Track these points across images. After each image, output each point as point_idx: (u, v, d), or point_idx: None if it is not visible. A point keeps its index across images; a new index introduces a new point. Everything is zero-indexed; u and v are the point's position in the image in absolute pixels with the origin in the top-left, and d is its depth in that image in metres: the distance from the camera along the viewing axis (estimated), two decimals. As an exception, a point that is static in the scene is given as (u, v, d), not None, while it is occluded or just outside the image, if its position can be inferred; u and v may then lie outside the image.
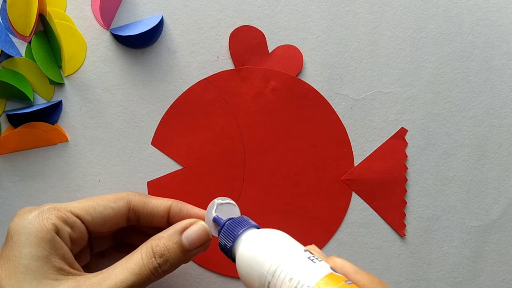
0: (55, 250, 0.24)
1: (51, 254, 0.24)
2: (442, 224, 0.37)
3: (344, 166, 0.36)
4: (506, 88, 0.37)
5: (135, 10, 0.35)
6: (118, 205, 0.28)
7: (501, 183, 0.37)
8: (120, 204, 0.28)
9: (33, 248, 0.24)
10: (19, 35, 0.32)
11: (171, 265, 0.26)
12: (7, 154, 0.34)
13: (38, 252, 0.24)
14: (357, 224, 0.36)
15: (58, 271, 0.24)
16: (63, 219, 0.25)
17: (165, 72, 0.35)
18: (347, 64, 0.36)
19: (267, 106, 0.35)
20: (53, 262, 0.24)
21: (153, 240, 0.27)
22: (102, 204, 0.27)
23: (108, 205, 0.27)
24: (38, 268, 0.23)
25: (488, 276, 0.38)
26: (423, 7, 0.36)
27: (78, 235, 0.26)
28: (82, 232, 0.27)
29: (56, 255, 0.24)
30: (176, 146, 0.35)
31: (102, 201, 0.27)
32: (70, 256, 0.25)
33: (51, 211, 0.25)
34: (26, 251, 0.23)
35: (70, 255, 0.25)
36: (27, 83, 0.33)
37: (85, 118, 0.35)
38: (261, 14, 0.35)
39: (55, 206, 0.26)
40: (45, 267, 0.23)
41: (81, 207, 0.27)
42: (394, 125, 0.36)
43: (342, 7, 0.36)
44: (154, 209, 0.29)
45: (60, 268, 0.24)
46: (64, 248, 0.25)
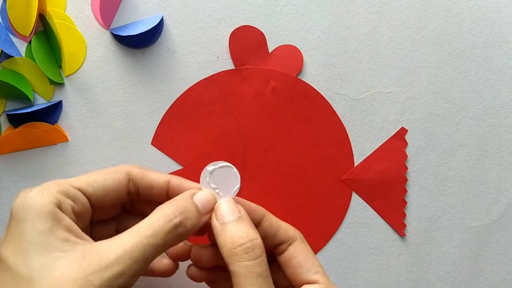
0: (58, 222, 0.23)
1: (54, 226, 0.23)
2: (442, 224, 0.37)
3: (344, 166, 0.36)
4: (506, 88, 0.37)
5: (135, 10, 0.35)
6: (117, 176, 0.27)
7: (501, 183, 0.37)
8: (119, 175, 0.28)
9: (34, 223, 0.23)
10: (19, 35, 0.32)
11: (192, 225, 0.26)
12: (7, 154, 0.34)
13: (40, 225, 0.23)
14: (357, 224, 0.36)
15: (63, 242, 0.23)
16: (64, 193, 0.25)
17: (165, 72, 0.35)
18: (347, 64, 0.36)
19: (267, 106, 0.35)
20: (57, 234, 0.23)
21: (167, 204, 0.26)
22: (102, 175, 0.27)
23: (108, 176, 0.27)
24: (42, 241, 0.23)
25: (488, 276, 0.38)
26: (423, 7, 0.36)
27: (80, 208, 0.26)
28: (85, 205, 0.26)
29: (59, 227, 0.23)
30: (176, 146, 0.35)
31: (102, 173, 0.27)
32: (75, 228, 0.24)
33: (51, 186, 0.25)
34: (28, 227, 0.23)
35: (75, 227, 0.24)
36: (27, 83, 0.33)
37: (85, 118, 0.35)
38: (261, 14, 0.35)
39: (56, 181, 0.25)
40: (49, 239, 0.23)
41: (81, 180, 0.26)
42: (394, 125, 0.36)
43: (342, 7, 0.36)
44: (154, 180, 0.28)
45: (65, 239, 0.23)
46: (67, 220, 0.24)
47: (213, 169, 0.28)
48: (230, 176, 0.28)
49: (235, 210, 0.27)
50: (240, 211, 0.27)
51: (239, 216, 0.27)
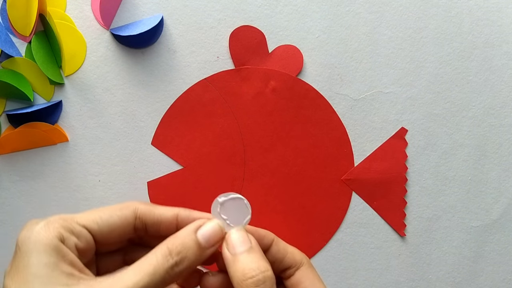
0: (63, 257, 0.24)
1: (59, 260, 0.24)
2: (442, 224, 0.37)
3: (344, 166, 0.36)
4: (506, 88, 0.37)
5: (135, 10, 0.35)
6: (124, 212, 0.27)
7: (501, 183, 0.37)
8: (126, 212, 0.27)
9: (40, 256, 0.23)
10: (19, 35, 0.32)
11: (189, 263, 0.26)
12: (7, 154, 0.34)
13: (45, 259, 0.23)
14: (357, 224, 0.36)
15: (67, 276, 0.24)
16: (69, 229, 0.25)
17: (165, 72, 0.35)
18: (347, 64, 0.36)
19: (267, 106, 0.35)
20: (61, 268, 0.24)
21: (168, 240, 0.26)
22: (108, 212, 0.27)
23: (114, 213, 0.27)
24: (46, 274, 0.23)
25: (488, 276, 0.38)
26: (423, 7, 0.36)
27: (84, 245, 0.26)
28: (89, 242, 0.26)
29: (64, 262, 0.24)
30: (176, 146, 0.35)
31: (108, 210, 0.27)
32: (79, 263, 0.25)
33: (57, 221, 0.25)
34: (34, 259, 0.23)
35: (79, 262, 0.25)
36: (27, 83, 0.33)
37: (85, 118, 0.35)
38: (261, 14, 0.35)
39: (62, 216, 0.26)
40: (53, 273, 0.23)
41: (87, 217, 0.26)
42: (394, 125, 0.36)
43: (342, 7, 0.36)
44: (161, 215, 0.28)
45: (69, 273, 0.24)
46: (71, 255, 0.25)
47: (224, 200, 0.28)
48: (241, 207, 0.28)
49: (246, 240, 0.27)
50: (251, 241, 0.27)
51: (250, 246, 0.27)
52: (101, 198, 0.35)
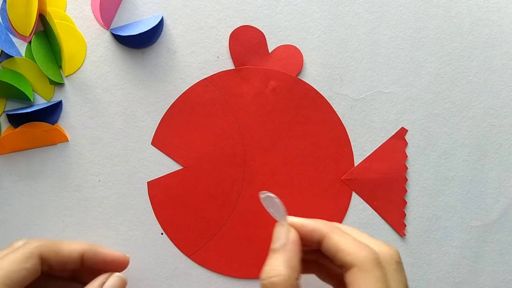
0: None
1: None
2: (442, 224, 0.37)
3: (344, 166, 0.36)
4: (506, 88, 0.37)
5: (135, 10, 0.35)
6: (31, 263, 0.27)
7: (501, 183, 0.37)
8: (33, 262, 0.27)
9: None
10: (19, 35, 0.32)
11: None
12: (7, 154, 0.34)
13: None
14: (357, 224, 0.36)
15: None
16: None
17: (165, 72, 0.35)
18: (347, 64, 0.36)
19: (267, 106, 0.35)
20: None
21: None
22: (16, 269, 0.26)
23: (22, 268, 0.26)
24: None
25: (488, 276, 0.38)
26: (423, 7, 0.36)
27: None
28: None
29: None
30: (176, 146, 0.35)
31: (14, 265, 0.26)
32: None
33: None
34: None
35: None
36: (27, 83, 0.33)
37: (85, 118, 0.35)
38: (261, 14, 0.35)
39: None
40: None
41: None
42: (394, 125, 0.36)
43: (342, 7, 0.36)
44: (67, 257, 0.29)
45: None
46: None
47: (265, 196, 0.30)
48: (276, 204, 0.30)
49: (281, 237, 0.27)
50: (289, 238, 0.27)
51: (282, 244, 0.27)
52: (101, 198, 0.35)
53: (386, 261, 0.25)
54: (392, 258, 0.26)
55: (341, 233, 0.27)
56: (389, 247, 0.27)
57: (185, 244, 0.35)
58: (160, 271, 0.35)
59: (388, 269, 0.25)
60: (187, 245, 0.35)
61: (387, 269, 0.25)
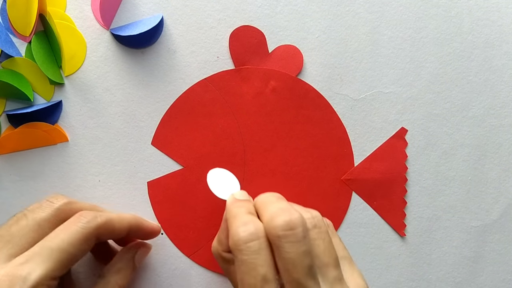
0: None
1: None
2: (442, 224, 0.37)
3: (344, 166, 0.36)
4: (506, 88, 0.37)
5: (135, 10, 0.35)
6: (89, 245, 0.27)
7: (501, 183, 0.37)
8: (90, 244, 0.28)
9: None
10: (19, 35, 0.32)
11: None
12: (7, 154, 0.34)
13: None
14: (357, 224, 0.36)
15: None
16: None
17: (165, 72, 0.35)
18: (347, 64, 0.36)
19: (267, 106, 0.35)
20: None
21: (115, 276, 0.30)
22: (74, 252, 0.26)
23: (81, 249, 0.27)
24: None
25: (488, 276, 0.38)
26: (423, 7, 0.36)
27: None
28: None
29: None
30: (176, 146, 0.35)
31: (72, 247, 0.26)
32: None
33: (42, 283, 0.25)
34: None
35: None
36: (27, 83, 0.33)
37: (85, 118, 0.35)
38: (261, 14, 0.35)
39: (42, 281, 0.25)
40: None
41: (62, 267, 0.26)
42: (394, 125, 0.36)
43: (342, 7, 0.36)
44: (117, 234, 0.30)
45: None
46: None
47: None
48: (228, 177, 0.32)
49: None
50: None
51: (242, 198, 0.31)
52: (101, 198, 0.35)
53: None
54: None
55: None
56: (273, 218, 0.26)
57: (185, 244, 0.35)
58: (160, 271, 0.35)
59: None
60: (187, 245, 0.35)
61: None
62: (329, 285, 0.25)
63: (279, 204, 0.26)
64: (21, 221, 0.27)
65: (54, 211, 0.28)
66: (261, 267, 0.24)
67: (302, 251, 0.24)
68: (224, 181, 0.33)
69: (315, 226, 0.26)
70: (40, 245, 0.26)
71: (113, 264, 0.31)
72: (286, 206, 0.26)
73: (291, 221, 0.24)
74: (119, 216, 0.30)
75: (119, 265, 0.31)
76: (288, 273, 0.24)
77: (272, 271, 0.24)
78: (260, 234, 0.25)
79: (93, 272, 0.35)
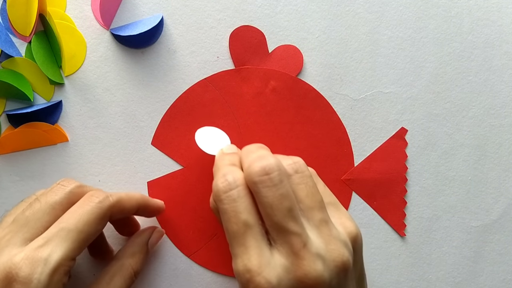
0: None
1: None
2: (442, 224, 0.37)
3: (344, 166, 0.36)
4: (506, 88, 0.37)
5: (135, 10, 0.35)
6: (102, 225, 0.28)
7: (501, 183, 0.37)
8: (104, 223, 0.28)
9: None
10: (19, 35, 0.32)
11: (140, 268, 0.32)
12: (7, 154, 0.34)
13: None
14: (357, 224, 0.36)
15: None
16: (66, 273, 0.26)
17: (165, 72, 0.35)
18: (347, 64, 0.36)
19: (267, 106, 0.35)
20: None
21: (129, 259, 0.31)
22: (92, 231, 0.27)
23: (96, 229, 0.27)
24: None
25: (488, 276, 0.38)
26: (423, 7, 0.36)
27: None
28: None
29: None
30: (176, 146, 0.35)
31: (88, 227, 0.27)
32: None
33: (61, 269, 0.25)
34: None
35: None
36: (27, 83, 0.33)
37: (85, 118, 0.35)
38: (261, 14, 0.35)
39: (63, 261, 0.25)
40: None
41: (78, 249, 0.26)
42: (394, 125, 0.36)
43: (342, 7, 0.36)
44: (126, 213, 0.30)
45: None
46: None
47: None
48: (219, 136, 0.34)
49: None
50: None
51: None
52: (101, 198, 0.35)
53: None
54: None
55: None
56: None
57: (185, 244, 0.35)
58: (160, 271, 0.35)
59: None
60: (187, 245, 0.35)
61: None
62: (315, 227, 0.25)
63: (258, 153, 0.27)
64: (35, 204, 0.27)
65: (67, 194, 0.28)
66: (242, 213, 0.24)
67: (279, 194, 0.24)
68: (214, 138, 0.33)
69: (296, 171, 0.26)
70: (56, 226, 0.26)
71: (127, 248, 0.32)
72: (264, 153, 0.27)
73: (267, 166, 0.25)
74: (128, 195, 0.30)
75: (133, 249, 0.32)
76: (268, 217, 0.24)
77: (253, 217, 0.25)
78: (239, 183, 0.25)
79: (93, 272, 0.35)
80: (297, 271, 0.23)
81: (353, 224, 0.27)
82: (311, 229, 0.25)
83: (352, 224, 0.27)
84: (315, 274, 0.23)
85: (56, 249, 0.25)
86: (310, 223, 0.25)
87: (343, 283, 0.25)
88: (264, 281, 0.23)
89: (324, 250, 0.24)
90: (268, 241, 0.25)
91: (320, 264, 0.24)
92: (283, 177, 0.25)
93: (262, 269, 0.23)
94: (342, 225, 0.27)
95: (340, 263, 0.24)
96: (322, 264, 0.24)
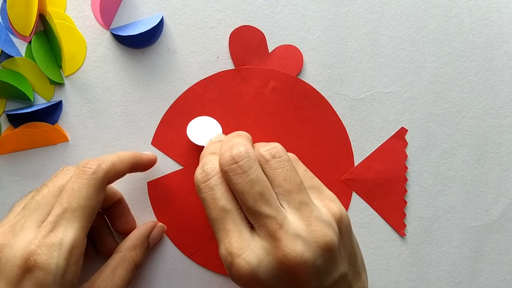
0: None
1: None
2: (442, 224, 0.37)
3: (344, 166, 0.36)
4: (506, 88, 0.37)
5: (135, 10, 0.35)
6: (102, 194, 0.28)
7: (501, 183, 0.37)
8: (103, 193, 0.28)
9: None
10: (19, 35, 0.32)
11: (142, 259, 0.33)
12: (7, 154, 0.34)
13: None
14: (357, 224, 0.36)
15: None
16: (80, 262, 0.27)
17: (165, 72, 0.35)
18: (347, 64, 0.36)
19: (267, 106, 0.35)
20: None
21: (130, 252, 0.32)
22: (93, 204, 0.27)
23: (98, 201, 0.28)
24: None
25: (488, 276, 0.38)
26: (423, 7, 0.36)
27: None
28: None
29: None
30: (176, 146, 0.35)
31: (89, 201, 0.27)
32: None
33: (76, 255, 0.26)
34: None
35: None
36: (27, 83, 0.33)
37: (85, 118, 0.35)
38: (261, 14, 0.35)
39: (76, 243, 0.26)
40: None
41: (86, 224, 0.27)
42: (394, 125, 0.36)
43: (342, 7, 0.36)
44: (121, 174, 0.30)
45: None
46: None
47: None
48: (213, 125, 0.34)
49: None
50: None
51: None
52: (101, 198, 0.35)
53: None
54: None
55: None
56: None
57: (185, 244, 0.35)
58: (160, 271, 0.35)
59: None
60: (187, 245, 0.35)
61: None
62: (295, 209, 0.25)
63: (231, 142, 0.27)
64: (43, 190, 0.28)
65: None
66: (219, 200, 0.25)
67: (249, 180, 0.25)
68: (205, 129, 0.34)
69: (274, 156, 0.27)
70: (59, 208, 0.26)
71: (128, 242, 0.32)
72: (237, 141, 0.27)
73: (236, 155, 0.25)
74: (119, 157, 0.30)
75: (135, 242, 0.32)
76: (243, 203, 0.25)
77: (231, 202, 0.25)
78: (215, 172, 0.26)
79: (93, 272, 0.35)
80: (276, 252, 0.24)
81: (337, 205, 0.27)
82: (291, 211, 0.25)
83: (336, 206, 0.27)
84: (294, 255, 0.24)
85: (67, 232, 0.26)
86: (290, 206, 0.25)
87: (330, 263, 0.25)
88: (244, 262, 0.24)
89: (304, 231, 0.24)
90: (249, 225, 0.25)
91: (299, 244, 0.24)
92: (253, 163, 0.25)
93: (242, 251, 0.24)
94: (325, 207, 0.27)
95: (323, 244, 0.24)
96: (302, 245, 0.24)
